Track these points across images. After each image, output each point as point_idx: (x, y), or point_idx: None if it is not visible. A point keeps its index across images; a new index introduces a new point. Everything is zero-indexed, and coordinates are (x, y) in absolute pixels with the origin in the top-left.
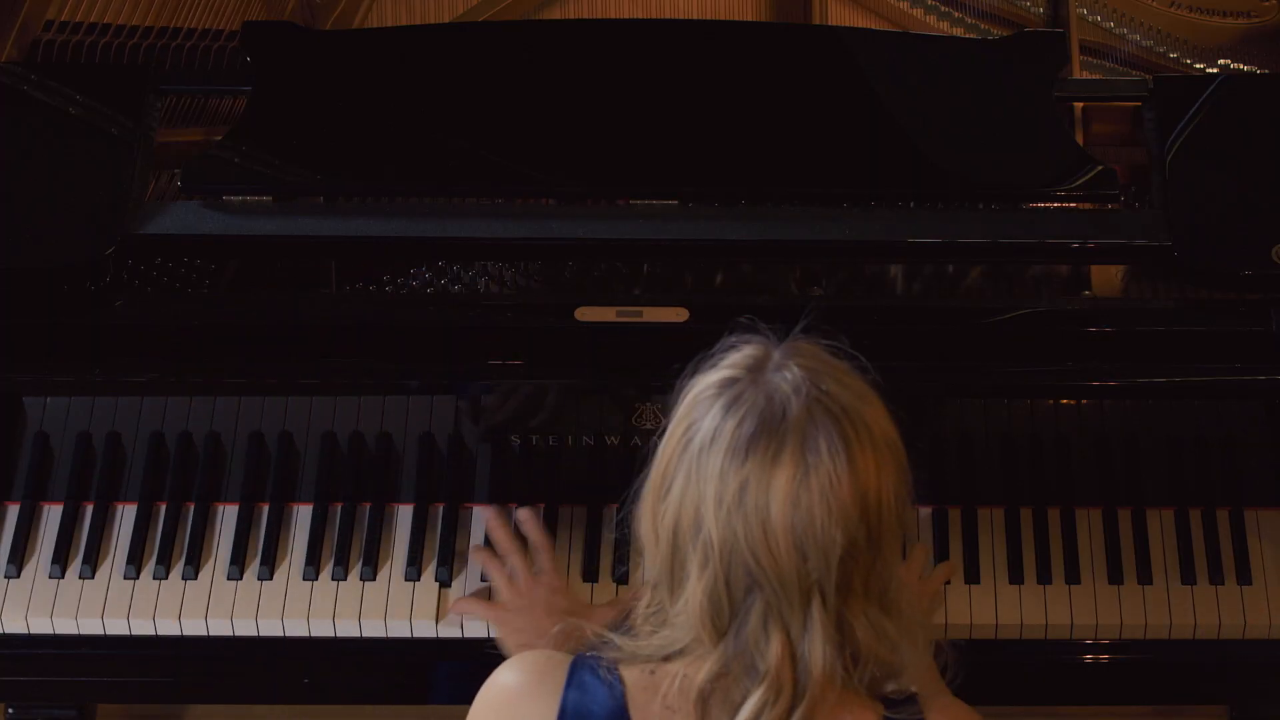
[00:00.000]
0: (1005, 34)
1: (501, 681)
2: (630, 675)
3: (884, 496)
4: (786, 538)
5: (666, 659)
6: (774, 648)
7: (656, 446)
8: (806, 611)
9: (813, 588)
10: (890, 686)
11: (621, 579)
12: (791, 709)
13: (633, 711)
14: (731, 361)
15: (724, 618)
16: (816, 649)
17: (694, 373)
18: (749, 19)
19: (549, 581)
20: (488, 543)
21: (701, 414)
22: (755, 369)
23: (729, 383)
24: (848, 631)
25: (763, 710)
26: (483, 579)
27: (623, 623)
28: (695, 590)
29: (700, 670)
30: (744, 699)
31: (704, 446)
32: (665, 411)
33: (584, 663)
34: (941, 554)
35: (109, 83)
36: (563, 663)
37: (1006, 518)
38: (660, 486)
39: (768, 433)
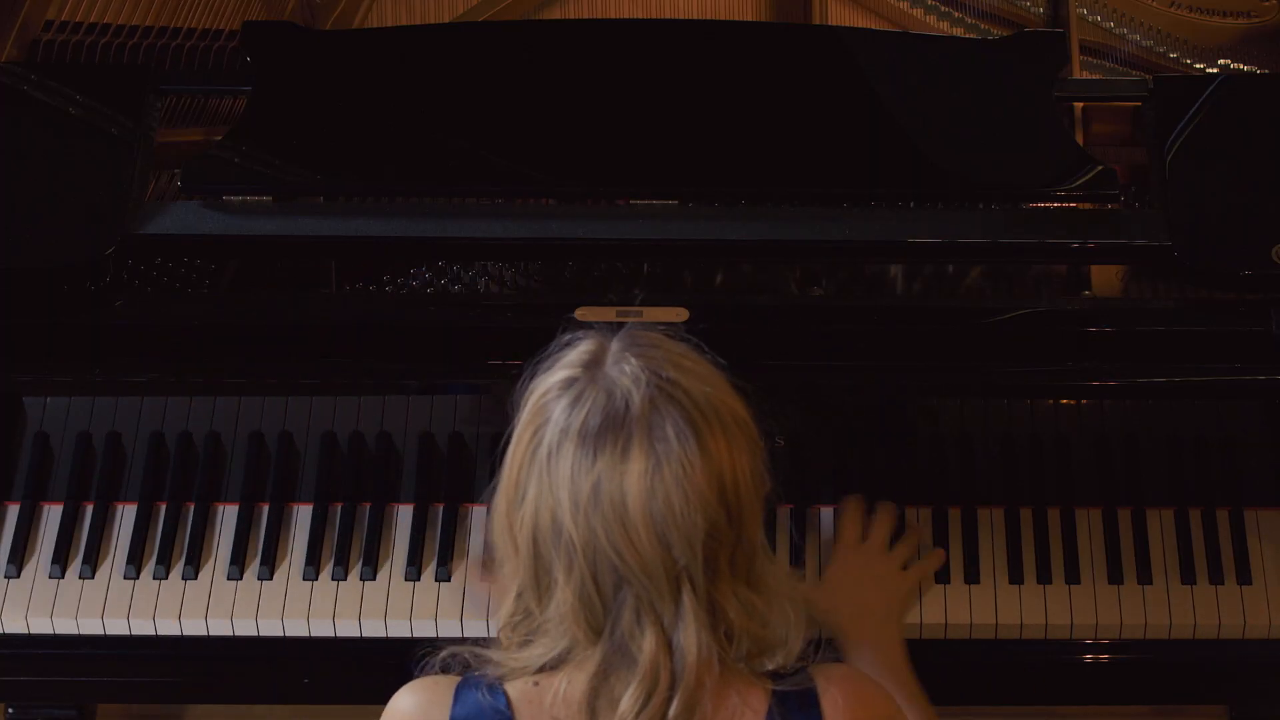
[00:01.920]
0: (1005, 34)
1: (398, 707)
2: (514, 689)
3: (739, 475)
4: (648, 530)
5: (550, 669)
6: (648, 640)
7: (504, 454)
8: (677, 599)
9: (681, 575)
10: (771, 664)
11: None
12: (670, 698)
13: None
14: (569, 360)
15: (598, 617)
16: (690, 636)
17: (532, 375)
18: (749, 19)
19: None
20: None
21: (546, 418)
22: (593, 365)
23: (569, 382)
24: (720, 613)
25: (641, 702)
26: (482, 578)
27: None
28: (565, 594)
29: (580, 676)
30: (625, 692)
31: (552, 451)
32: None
33: (470, 681)
34: None
35: (109, 83)
36: (450, 684)
37: (1006, 518)
38: (514, 495)
39: (614, 429)
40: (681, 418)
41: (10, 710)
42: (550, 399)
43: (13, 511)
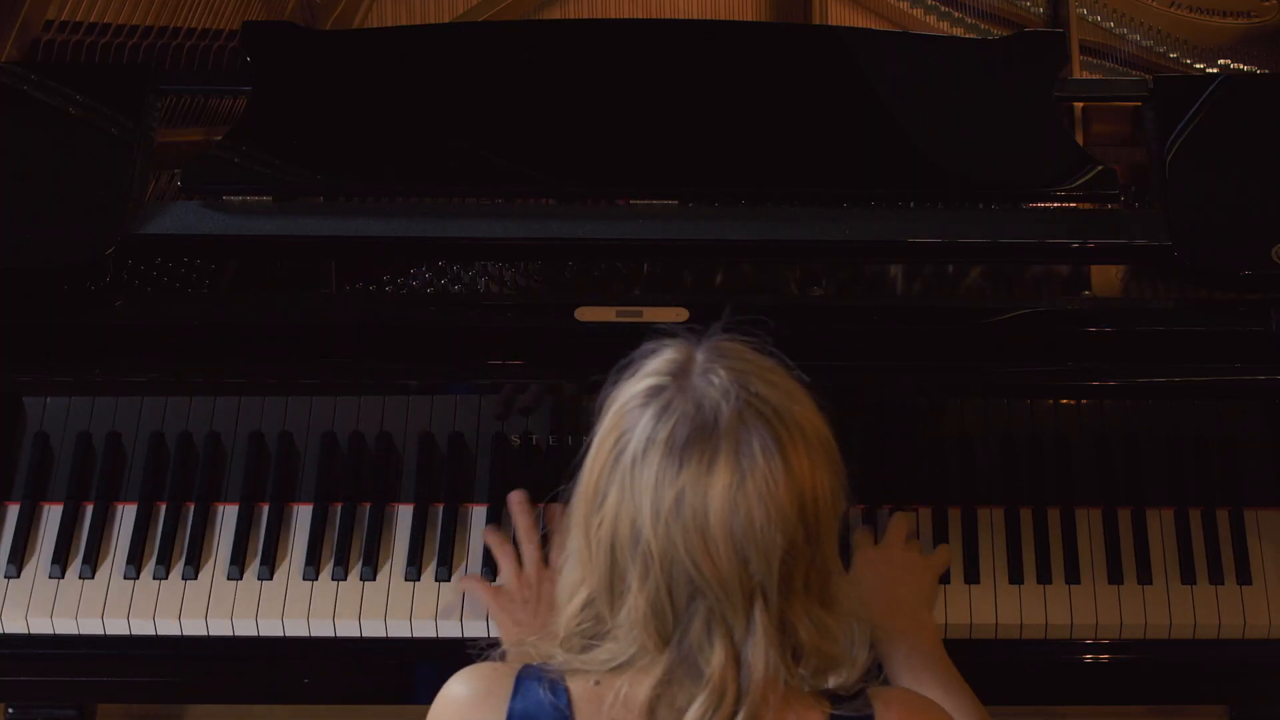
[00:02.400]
0: (1005, 34)
1: (452, 694)
2: (576, 686)
3: (820, 493)
4: (727, 544)
5: (612, 670)
6: (717, 653)
7: (583, 458)
8: (749, 615)
9: (755, 590)
10: (833, 681)
11: None
12: (734, 713)
13: None
14: (654, 369)
15: (668, 626)
16: (759, 652)
17: (616, 381)
18: (749, 19)
19: (555, 576)
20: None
21: (631, 424)
22: (680, 374)
23: (656, 390)
24: (790, 630)
25: (706, 716)
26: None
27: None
28: (638, 601)
29: (644, 681)
30: (689, 704)
31: (636, 458)
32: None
33: (530, 673)
34: None
35: (109, 83)
36: (509, 674)
37: (1006, 518)
38: (593, 500)
39: (701, 441)
40: (768, 433)
41: (10, 710)
42: (636, 406)
43: (13, 511)
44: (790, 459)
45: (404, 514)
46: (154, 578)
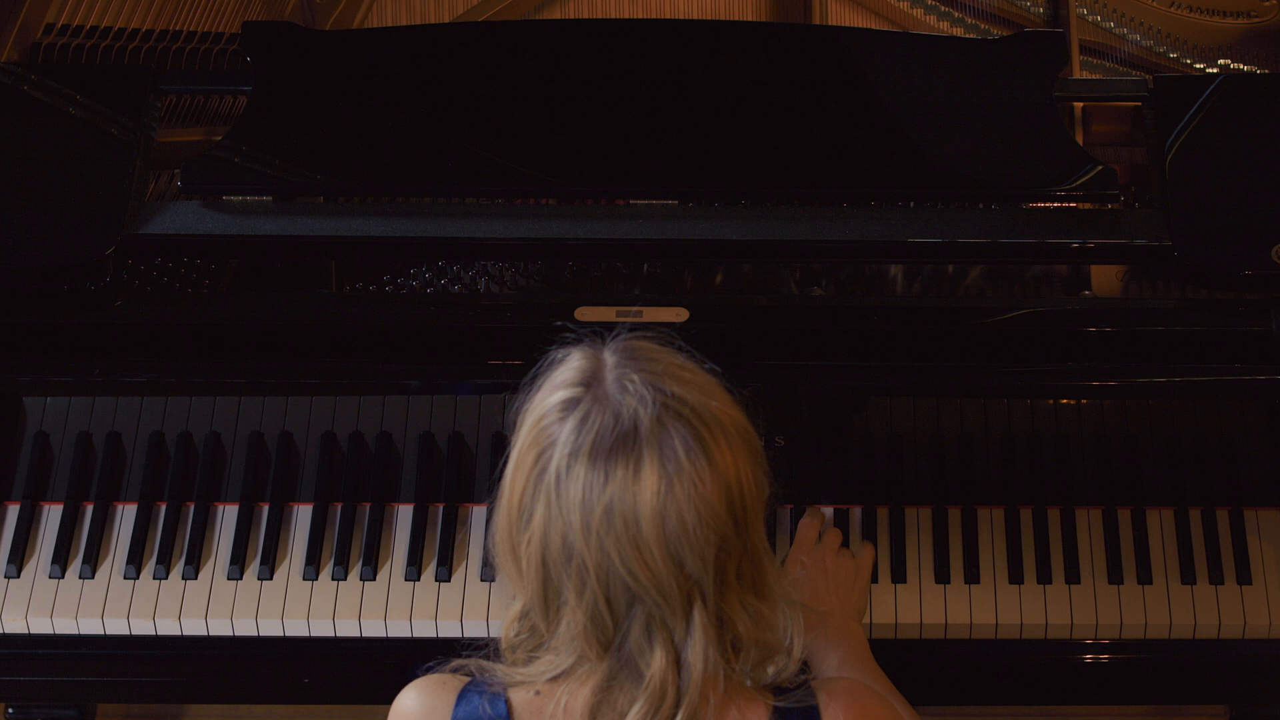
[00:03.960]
0: (1005, 34)
1: (402, 705)
2: (516, 697)
3: (745, 484)
4: (661, 549)
5: (552, 680)
6: (658, 655)
7: (501, 475)
8: (689, 615)
9: (693, 590)
10: (771, 670)
11: None
12: (674, 714)
13: None
14: (566, 379)
15: (608, 634)
16: (699, 650)
17: (528, 393)
18: (749, 19)
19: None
20: None
21: (551, 439)
22: (593, 382)
23: (572, 403)
24: (728, 624)
25: (648, 718)
26: (482, 578)
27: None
28: (576, 614)
29: (585, 688)
30: (630, 706)
31: (560, 474)
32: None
33: (475, 686)
34: (942, 554)
35: (109, 83)
36: (455, 687)
37: (1006, 518)
38: (518, 518)
39: (624, 449)
40: (689, 433)
41: (10, 710)
42: (553, 420)
43: (13, 511)
44: (714, 455)
45: (404, 514)
46: (154, 578)
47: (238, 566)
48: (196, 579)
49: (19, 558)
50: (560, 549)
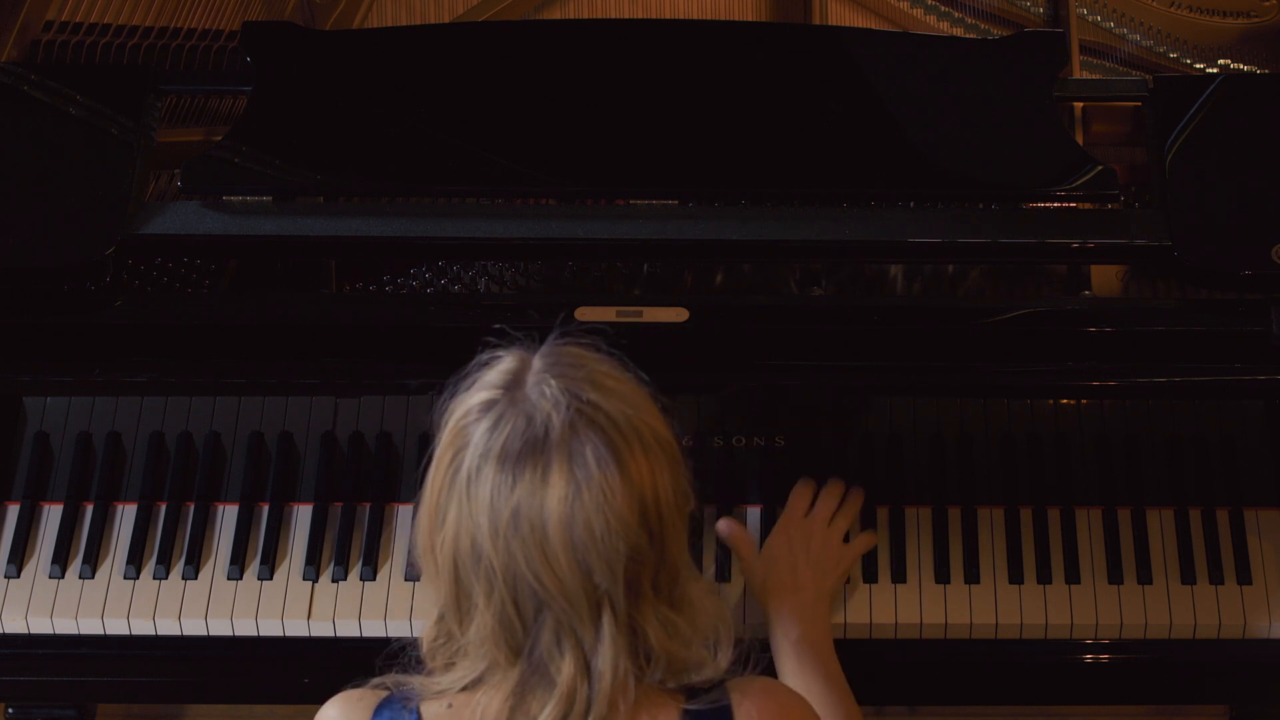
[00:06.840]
0: (1005, 34)
1: (324, 716)
2: (429, 711)
3: (661, 496)
4: (568, 556)
5: (465, 689)
6: (568, 662)
7: (424, 475)
8: (597, 623)
9: (602, 599)
10: (695, 677)
11: None
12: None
13: None
14: (490, 380)
15: (518, 639)
16: (607, 660)
17: (452, 394)
18: (749, 19)
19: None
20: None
21: (466, 440)
22: (514, 385)
23: (489, 405)
24: (640, 634)
25: None
26: None
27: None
28: (485, 617)
29: (499, 695)
30: (541, 711)
31: (471, 475)
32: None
33: (393, 700)
34: (941, 554)
35: (109, 83)
36: (374, 700)
37: (1006, 518)
38: (435, 519)
39: (533, 453)
40: (601, 442)
41: (10, 710)
42: (470, 421)
43: (13, 511)
44: (627, 465)
45: (404, 514)
46: (154, 578)
47: (238, 566)
48: (196, 579)
49: (19, 558)
50: (469, 551)
